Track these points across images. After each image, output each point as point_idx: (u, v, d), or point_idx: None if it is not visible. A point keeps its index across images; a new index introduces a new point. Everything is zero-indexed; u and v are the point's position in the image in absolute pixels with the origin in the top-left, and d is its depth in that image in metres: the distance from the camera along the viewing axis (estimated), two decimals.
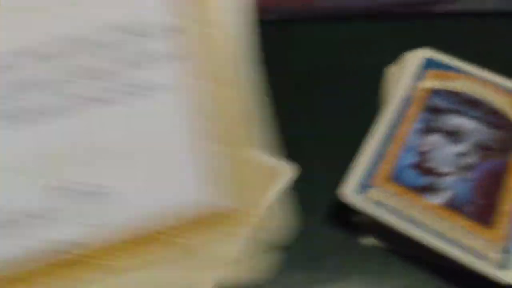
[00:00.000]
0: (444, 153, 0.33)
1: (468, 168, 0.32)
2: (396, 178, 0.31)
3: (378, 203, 0.30)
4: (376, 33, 0.43)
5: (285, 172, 0.32)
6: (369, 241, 0.32)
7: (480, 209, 0.30)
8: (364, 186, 0.31)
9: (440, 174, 0.32)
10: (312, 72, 0.40)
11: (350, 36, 0.42)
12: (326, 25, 0.43)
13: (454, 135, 0.34)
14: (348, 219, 0.32)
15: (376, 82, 0.39)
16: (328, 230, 0.32)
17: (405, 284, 0.31)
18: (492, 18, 0.44)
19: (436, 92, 0.36)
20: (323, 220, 0.32)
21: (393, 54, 0.39)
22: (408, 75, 0.37)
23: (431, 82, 0.36)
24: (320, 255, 0.31)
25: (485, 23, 0.44)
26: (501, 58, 0.41)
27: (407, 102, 0.35)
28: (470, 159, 0.33)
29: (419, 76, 0.37)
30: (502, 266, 0.28)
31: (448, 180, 0.32)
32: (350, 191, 0.31)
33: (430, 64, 0.38)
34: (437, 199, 0.31)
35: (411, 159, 0.32)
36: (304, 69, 0.40)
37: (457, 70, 0.37)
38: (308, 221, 0.32)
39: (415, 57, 0.38)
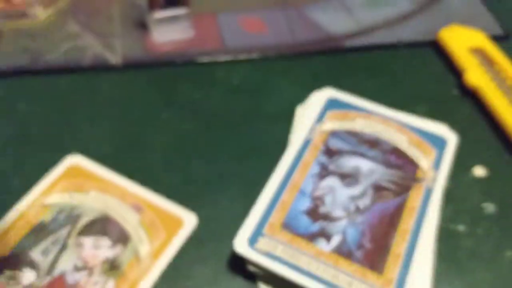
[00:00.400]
0: (338, 197, 0.33)
1: (361, 211, 0.32)
2: (288, 225, 0.31)
3: (268, 253, 0.30)
4: (288, 71, 0.43)
5: (189, 221, 0.33)
6: None
7: (369, 254, 0.30)
8: (256, 236, 0.31)
9: (332, 219, 0.32)
10: (224, 113, 0.40)
11: (263, 76, 0.43)
12: (233, 64, 0.43)
13: (350, 177, 0.34)
14: (245, 267, 0.32)
15: (288, 122, 0.39)
16: (226, 278, 0.32)
17: None
18: (401, 50, 0.45)
19: (334, 134, 0.36)
20: (221, 268, 0.32)
21: (305, 93, 0.40)
22: (310, 116, 0.37)
23: (330, 124, 0.37)
24: None
25: (395, 56, 0.44)
26: (410, 89, 0.41)
27: (306, 145, 0.36)
28: (364, 202, 0.33)
29: (320, 118, 0.37)
30: None
31: (340, 224, 0.32)
32: (241, 241, 0.31)
33: (331, 105, 0.38)
34: (328, 245, 0.31)
35: (305, 205, 0.32)
36: (214, 110, 0.40)
37: (358, 109, 0.38)
38: (206, 270, 0.32)
39: (319, 97, 0.39)
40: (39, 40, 0.43)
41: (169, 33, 0.44)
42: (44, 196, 0.33)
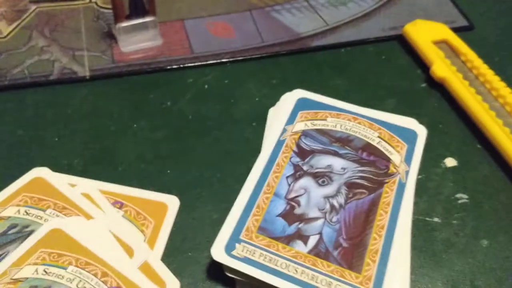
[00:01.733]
0: (313, 197, 0.33)
1: (336, 210, 0.32)
2: (265, 229, 0.31)
3: (245, 259, 0.30)
4: (257, 74, 0.43)
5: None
6: None
7: (346, 253, 0.31)
8: (233, 242, 0.31)
9: (308, 220, 0.32)
10: (196, 119, 0.40)
11: (233, 79, 0.43)
12: (202, 69, 0.43)
13: (323, 176, 0.34)
14: (224, 273, 0.32)
15: (261, 125, 0.39)
16: (207, 283, 0.32)
17: None
18: (368, 47, 0.45)
19: (306, 134, 0.36)
20: (201, 274, 0.32)
21: (275, 94, 0.40)
22: (282, 118, 0.37)
23: (302, 124, 0.37)
24: None
25: (362, 52, 0.45)
26: (379, 85, 0.42)
27: (279, 147, 0.36)
28: (338, 200, 0.33)
29: (292, 119, 0.37)
30: None
31: (316, 225, 0.32)
32: (218, 248, 0.31)
33: (301, 105, 0.38)
34: (305, 247, 0.31)
35: (280, 207, 0.32)
36: (186, 116, 0.40)
37: (328, 108, 0.38)
38: (186, 276, 0.31)
39: (289, 99, 0.39)
40: (4, 56, 0.43)
41: (137, 42, 0.43)
42: (1, 207, 0.32)
